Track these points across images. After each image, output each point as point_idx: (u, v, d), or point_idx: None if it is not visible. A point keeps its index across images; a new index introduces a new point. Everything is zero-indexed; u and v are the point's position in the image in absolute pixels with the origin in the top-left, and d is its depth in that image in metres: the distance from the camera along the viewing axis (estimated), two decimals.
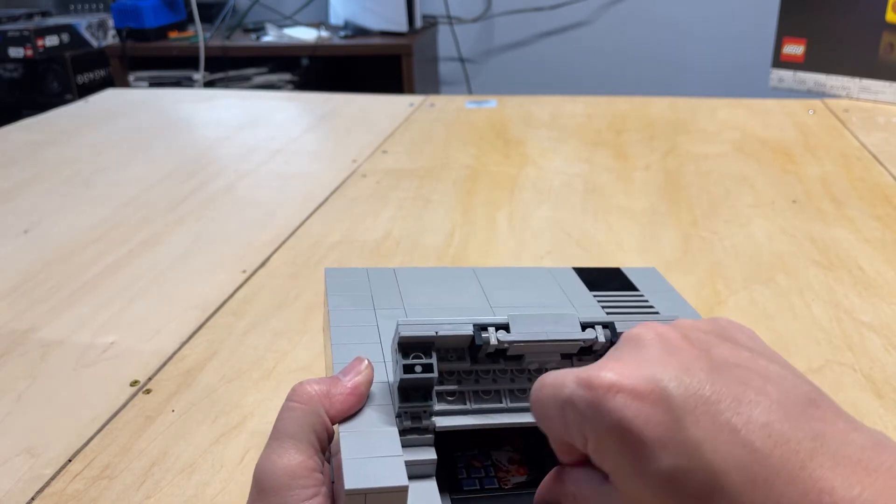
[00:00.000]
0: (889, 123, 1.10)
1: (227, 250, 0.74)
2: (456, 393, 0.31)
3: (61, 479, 0.44)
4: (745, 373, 0.23)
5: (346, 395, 0.30)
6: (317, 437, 0.29)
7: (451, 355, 0.31)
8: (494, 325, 0.31)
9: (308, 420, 0.29)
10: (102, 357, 0.56)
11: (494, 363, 0.32)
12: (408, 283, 0.42)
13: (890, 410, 0.48)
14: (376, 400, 0.31)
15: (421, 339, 0.29)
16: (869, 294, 0.62)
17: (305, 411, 0.30)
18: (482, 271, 0.44)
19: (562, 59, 2.33)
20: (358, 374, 0.31)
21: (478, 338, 0.30)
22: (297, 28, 2.21)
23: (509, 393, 0.32)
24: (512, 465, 0.33)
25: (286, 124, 1.21)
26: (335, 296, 0.39)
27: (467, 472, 0.32)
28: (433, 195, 0.87)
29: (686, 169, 0.94)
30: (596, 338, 0.31)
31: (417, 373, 0.29)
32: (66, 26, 2.17)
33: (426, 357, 0.30)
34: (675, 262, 0.69)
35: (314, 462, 0.29)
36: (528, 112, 1.22)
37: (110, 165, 1.02)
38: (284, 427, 0.29)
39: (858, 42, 1.20)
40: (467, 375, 0.32)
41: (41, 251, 0.75)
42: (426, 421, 0.30)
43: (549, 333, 0.31)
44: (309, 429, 0.29)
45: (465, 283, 0.42)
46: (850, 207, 0.80)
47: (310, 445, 0.29)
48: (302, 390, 0.30)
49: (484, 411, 0.31)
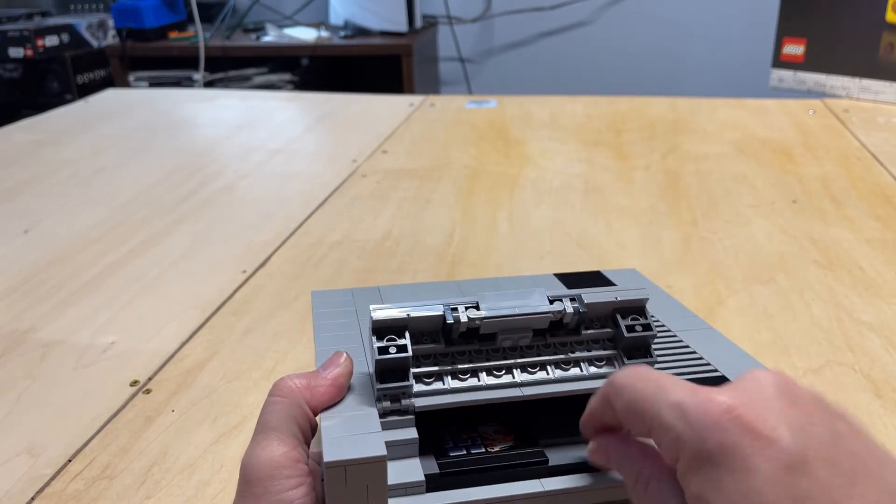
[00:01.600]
0: (889, 123, 1.10)
1: (227, 250, 0.74)
2: (434, 374, 0.32)
3: (61, 479, 0.44)
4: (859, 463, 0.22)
5: (327, 386, 0.31)
6: (300, 429, 0.30)
7: (426, 338, 0.32)
8: (464, 305, 0.32)
9: (290, 412, 0.30)
10: (102, 357, 0.56)
11: (469, 343, 0.33)
12: (392, 298, 0.43)
13: (890, 410, 0.48)
14: (357, 390, 0.32)
15: (394, 321, 0.31)
16: (869, 294, 0.62)
17: (287, 404, 0.30)
18: (465, 283, 0.45)
19: (562, 59, 2.33)
20: (337, 367, 0.32)
21: (448, 316, 0.31)
22: (297, 28, 2.21)
23: (486, 371, 0.32)
24: (498, 434, 0.33)
25: (286, 124, 1.21)
26: (320, 312, 0.41)
27: (454, 444, 0.33)
28: (433, 195, 0.87)
29: (686, 169, 0.94)
30: (564, 309, 0.32)
31: (392, 353, 0.30)
32: (66, 26, 2.17)
33: (400, 338, 0.30)
34: (675, 262, 0.69)
35: (297, 453, 0.29)
36: (528, 112, 1.22)
37: (110, 165, 1.02)
38: (267, 420, 0.30)
39: (858, 42, 1.20)
40: (443, 358, 0.32)
41: (41, 251, 0.75)
42: (406, 401, 0.31)
43: (518, 308, 0.32)
44: (291, 421, 0.30)
45: (448, 293, 0.43)
46: (850, 207, 0.80)
47: (293, 437, 0.29)
48: (283, 384, 0.31)
49: (463, 390, 0.32)
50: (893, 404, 0.48)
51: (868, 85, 1.21)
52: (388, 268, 0.70)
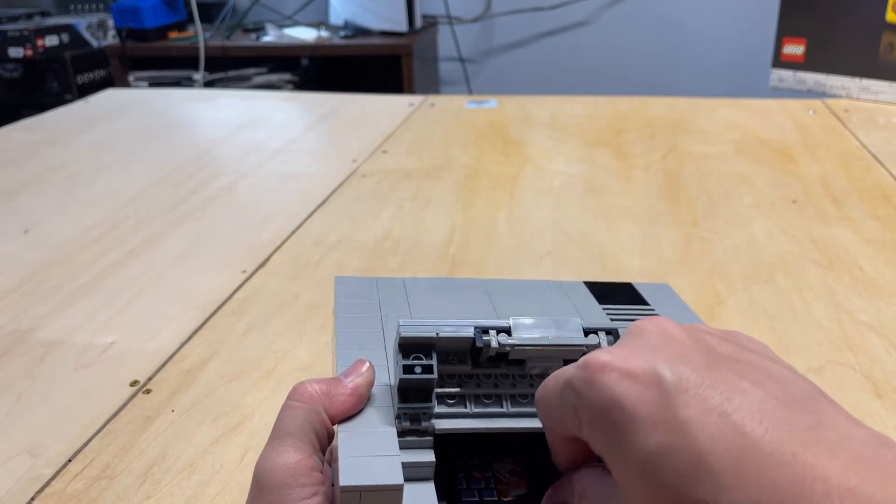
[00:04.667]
0: (889, 123, 1.10)
1: (227, 250, 0.74)
2: (457, 396, 0.31)
3: (61, 480, 0.44)
4: (744, 367, 0.23)
5: (347, 395, 0.30)
6: (316, 437, 0.29)
7: (453, 358, 0.31)
8: (496, 329, 0.30)
9: (308, 419, 0.29)
10: (102, 357, 0.56)
11: (496, 367, 0.31)
12: (416, 292, 0.42)
13: (890, 410, 0.48)
14: (377, 402, 0.31)
15: (422, 339, 0.29)
16: (869, 294, 0.62)
17: (305, 410, 0.30)
18: (491, 283, 0.44)
19: (562, 59, 2.33)
20: (359, 376, 0.31)
21: (478, 340, 0.30)
22: (297, 28, 2.21)
23: (511, 398, 0.31)
24: (513, 476, 0.32)
25: (286, 124, 1.21)
26: (343, 302, 0.39)
27: (467, 483, 0.32)
28: (433, 195, 0.87)
29: (686, 169, 0.94)
30: (598, 343, 0.31)
31: (417, 373, 0.29)
32: (66, 26, 2.17)
33: (427, 358, 0.29)
34: (675, 262, 0.69)
35: (313, 461, 0.29)
36: (528, 112, 1.22)
37: (110, 165, 1.02)
38: (284, 426, 0.29)
39: (858, 42, 1.20)
40: (468, 379, 0.31)
41: (41, 251, 0.75)
42: (425, 423, 0.30)
43: (551, 338, 0.30)
44: (309, 428, 0.29)
45: (473, 294, 0.42)
46: (850, 207, 0.80)
47: (309, 444, 0.29)
48: (302, 389, 0.30)
49: (485, 415, 0.31)
50: (893, 404, 0.48)
51: (868, 85, 1.21)
52: (387, 268, 0.69)
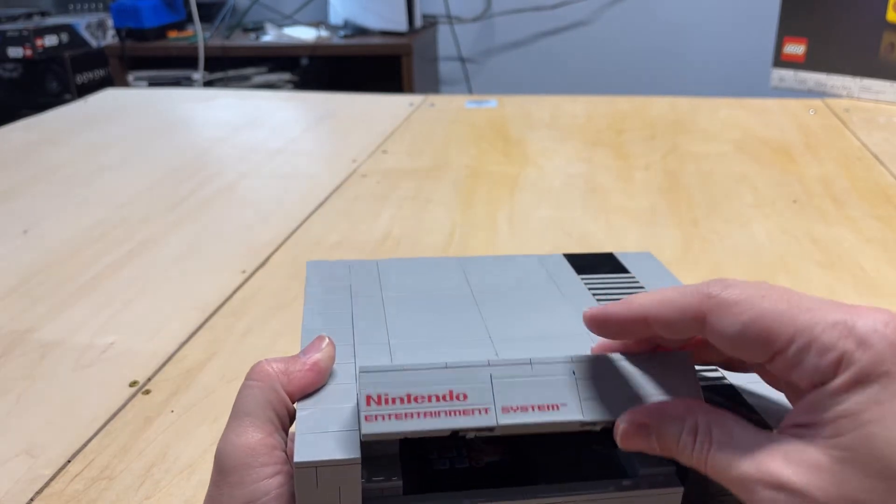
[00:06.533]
0: (890, 123, 1.10)
1: (227, 250, 0.74)
2: None
3: (60, 480, 0.44)
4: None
5: (305, 371, 0.29)
6: (276, 415, 0.29)
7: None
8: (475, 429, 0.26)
9: (265, 397, 0.29)
10: (102, 357, 0.56)
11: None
12: (389, 273, 0.41)
13: None
14: (338, 379, 0.30)
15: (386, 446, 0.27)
16: (870, 294, 0.62)
17: (263, 388, 0.29)
18: (468, 261, 0.43)
19: (562, 59, 2.33)
20: (318, 352, 0.30)
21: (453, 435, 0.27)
22: (297, 28, 2.21)
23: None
24: (487, 444, 0.31)
25: (286, 124, 1.21)
26: (313, 284, 0.39)
27: (438, 453, 0.31)
28: (433, 195, 0.87)
29: (686, 169, 0.94)
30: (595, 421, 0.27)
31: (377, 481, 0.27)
32: (66, 26, 2.17)
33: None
34: (676, 262, 0.69)
35: (274, 440, 0.28)
36: (528, 112, 1.22)
37: (109, 165, 1.01)
38: (242, 405, 0.29)
39: (859, 42, 1.20)
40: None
41: (41, 251, 0.75)
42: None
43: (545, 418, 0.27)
44: (267, 406, 0.29)
45: (448, 273, 0.41)
46: (850, 207, 0.80)
47: (269, 423, 0.28)
48: (259, 368, 0.30)
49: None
50: None
51: (869, 84, 1.21)
52: None
